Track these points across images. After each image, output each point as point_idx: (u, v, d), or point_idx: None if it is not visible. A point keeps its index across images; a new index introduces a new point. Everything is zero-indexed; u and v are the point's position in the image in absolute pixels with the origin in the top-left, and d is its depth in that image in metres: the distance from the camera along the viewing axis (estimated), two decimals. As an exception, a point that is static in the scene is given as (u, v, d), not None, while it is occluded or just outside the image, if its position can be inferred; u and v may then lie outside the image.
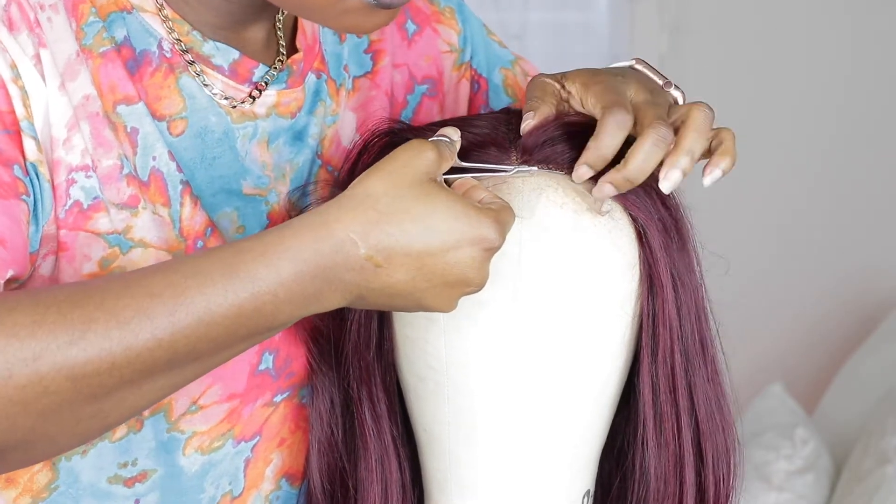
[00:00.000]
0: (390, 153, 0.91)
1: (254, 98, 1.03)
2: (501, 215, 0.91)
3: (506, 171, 0.97)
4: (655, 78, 1.05)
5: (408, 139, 1.02)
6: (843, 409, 2.55)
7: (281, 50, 1.07)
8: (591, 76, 1.01)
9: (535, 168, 0.98)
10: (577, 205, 0.98)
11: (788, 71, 2.85)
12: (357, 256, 0.87)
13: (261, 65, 1.04)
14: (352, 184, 0.90)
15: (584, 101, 1.00)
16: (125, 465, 1.01)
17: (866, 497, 2.17)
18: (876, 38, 2.84)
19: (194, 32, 1.01)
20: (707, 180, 0.97)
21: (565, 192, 0.98)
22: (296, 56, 1.06)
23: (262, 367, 1.03)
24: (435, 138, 0.94)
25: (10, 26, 0.94)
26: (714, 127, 0.98)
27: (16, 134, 0.93)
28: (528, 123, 0.98)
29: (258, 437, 1.05)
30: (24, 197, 0.92)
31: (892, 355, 2.57)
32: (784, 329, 2.91)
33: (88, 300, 0.84)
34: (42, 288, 0.92)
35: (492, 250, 0.90)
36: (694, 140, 0.96)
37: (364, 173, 0.90)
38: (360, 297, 0.90)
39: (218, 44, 1.02)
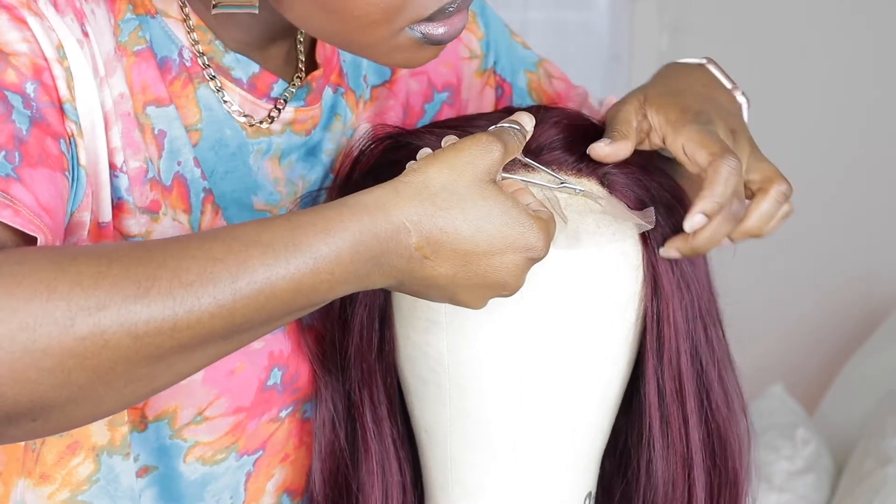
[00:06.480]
0: (456, 143, 0.89)
1: (272, 118, 1.03)
2: (549, 226, 0.90)
3: (556, 181, 0.97)
4: (725, 81, 1.07)
5: (410, 142, 1.01)
6: (844, 410, 2.55)
7: (300, 66, 1.06)
8: (676, 111, 1.00)
9: (581, 188, 0.98)
10: (582, 206, 0.98)
11: (788, 72, 2.85)
12: (408, 245, 0.86)
13: (280, 80, 1.03)
14: (410, 169, 0.88)
15: (667, 138, 1.00)
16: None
17: (867, 497, 2.16)
18: (877, 37, 2.84)
19: (217, 42, 1.00)
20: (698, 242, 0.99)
21: (569, 196, 0.98)
22: (315, 73, 1.05)
23: (270, 382, 1.02)
24: (506, 125, 0.92)
25: (56, 7, 0.92)
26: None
27: (59, 111, 0.91)
28: (602, 149, 0.99)
29: (261, 452, 1.05)
30: (66, 173, 0.90)
31: (892, 356, 2.57)
32: (785, 330, 2.91)
33: (150, 259, 0.81)
34: (98, 244, 0.90)
35: (535, 260, 0.89)
36: (762, 221, 1.00)
37: (424, 160, 0.88)
38: (400, 283, 0.88)
39: (239, 56, 1.01)
